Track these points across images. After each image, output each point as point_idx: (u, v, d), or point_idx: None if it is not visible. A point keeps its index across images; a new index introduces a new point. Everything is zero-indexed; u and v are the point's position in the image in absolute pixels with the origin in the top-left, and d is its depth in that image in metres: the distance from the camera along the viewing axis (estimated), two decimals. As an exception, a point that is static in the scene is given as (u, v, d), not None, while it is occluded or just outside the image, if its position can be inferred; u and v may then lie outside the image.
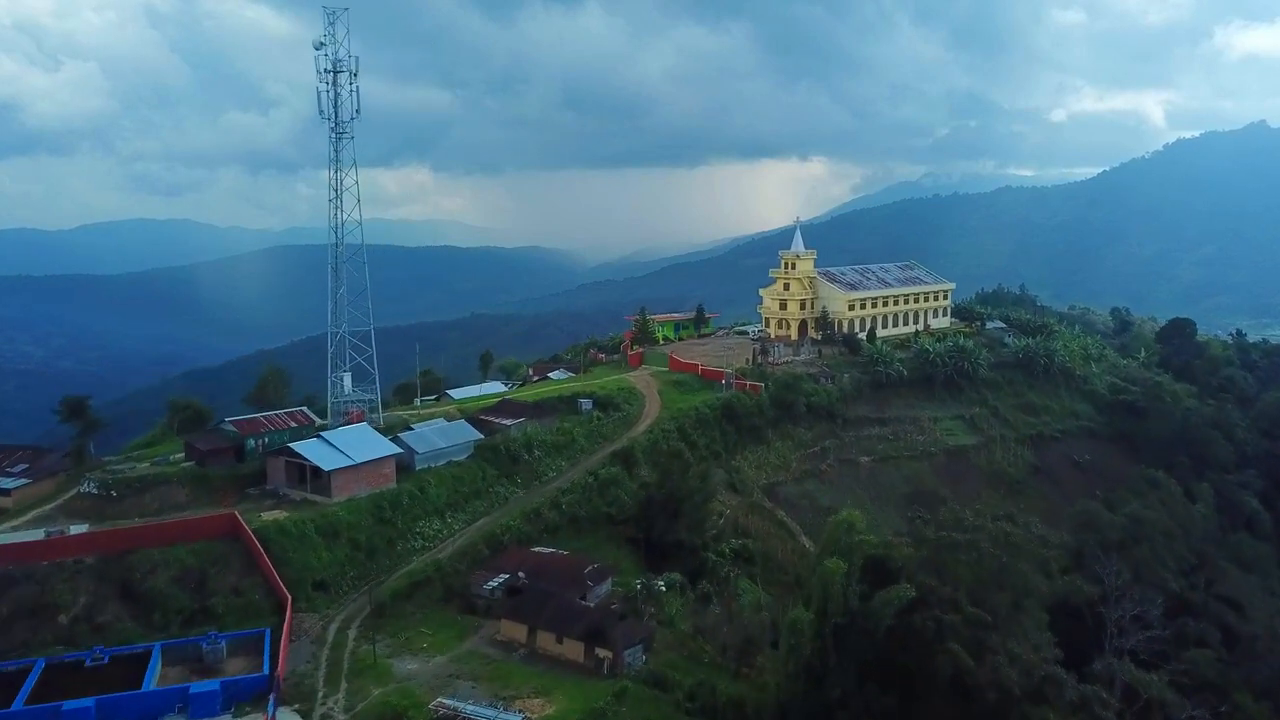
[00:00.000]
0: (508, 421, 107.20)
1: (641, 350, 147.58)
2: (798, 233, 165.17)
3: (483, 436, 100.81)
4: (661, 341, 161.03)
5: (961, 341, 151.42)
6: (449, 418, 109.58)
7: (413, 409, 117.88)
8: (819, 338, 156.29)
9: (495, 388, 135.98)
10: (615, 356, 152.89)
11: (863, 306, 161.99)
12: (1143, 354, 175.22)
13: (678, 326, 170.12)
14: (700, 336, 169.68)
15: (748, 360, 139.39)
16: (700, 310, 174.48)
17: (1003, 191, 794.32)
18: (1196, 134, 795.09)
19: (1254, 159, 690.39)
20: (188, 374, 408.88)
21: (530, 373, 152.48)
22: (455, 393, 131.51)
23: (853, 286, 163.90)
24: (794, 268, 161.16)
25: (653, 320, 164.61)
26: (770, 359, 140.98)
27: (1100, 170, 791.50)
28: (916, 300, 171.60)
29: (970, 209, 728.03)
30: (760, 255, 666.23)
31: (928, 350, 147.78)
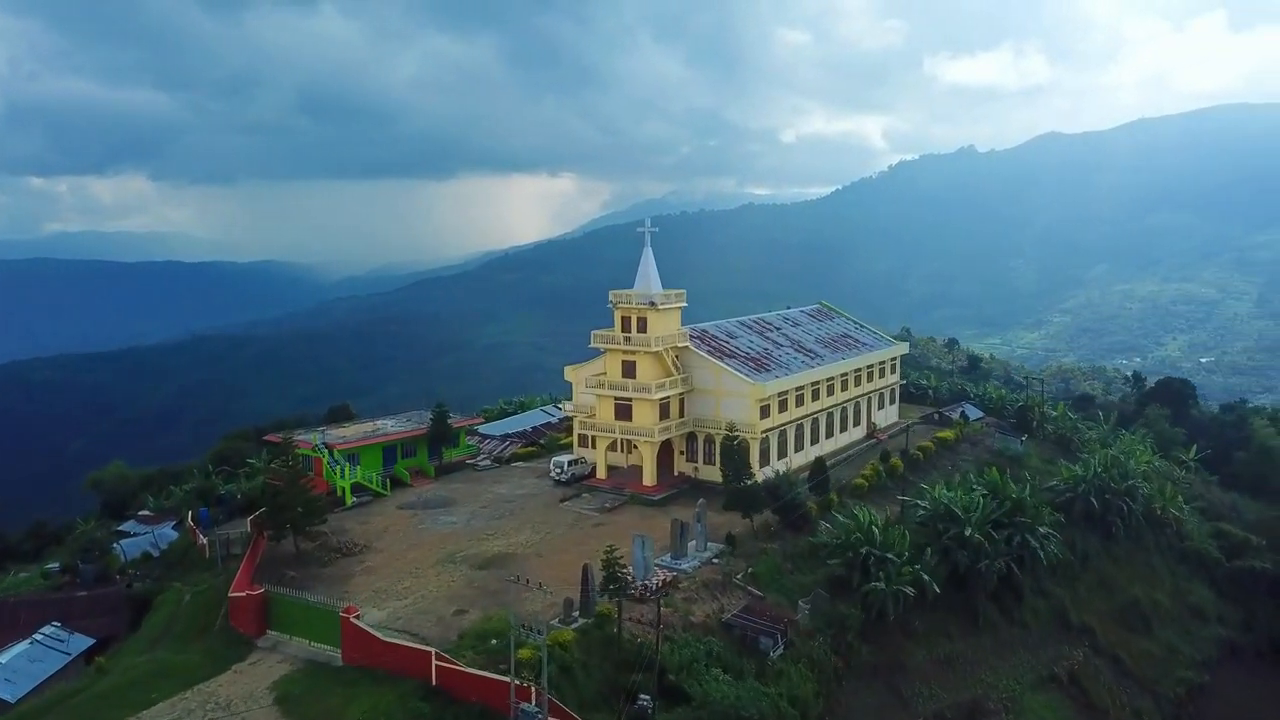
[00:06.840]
0: None
1: (265, 589, 46.57)
2: (647, 253, 67.74)
3: None
4: (351, 503, 61.76)
5: (1014, 491, 62.12)
6: None
7: None
8: (717, 474, 62.59)
9: None
10: (238, 530, 53.22)
11: (783, 407, 69.48)
12: (1193, 453, 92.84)
13: (390, 455, 68.88)
14: (439, 473, 71.13)
15: (569, 606, 43.82)
16: (442, 416, 71.44)
17: (746, 209, 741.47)
18: (915, 156, 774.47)
19: (964, 181, 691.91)
20: None
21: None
22: None
23: (760, 367, 70.65)
24: (643, 329, 66.48)
25: (327, 452, 63.31)
26: (636, 585, 45.78)
27: (832, 189, 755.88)
28: (859, 380, 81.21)
29: (716, 226, 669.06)
30: (515, 270, 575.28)
31: (959, 528, 57.82)
